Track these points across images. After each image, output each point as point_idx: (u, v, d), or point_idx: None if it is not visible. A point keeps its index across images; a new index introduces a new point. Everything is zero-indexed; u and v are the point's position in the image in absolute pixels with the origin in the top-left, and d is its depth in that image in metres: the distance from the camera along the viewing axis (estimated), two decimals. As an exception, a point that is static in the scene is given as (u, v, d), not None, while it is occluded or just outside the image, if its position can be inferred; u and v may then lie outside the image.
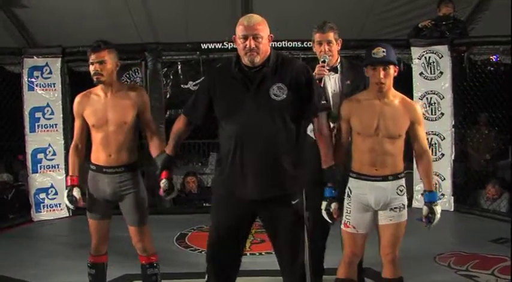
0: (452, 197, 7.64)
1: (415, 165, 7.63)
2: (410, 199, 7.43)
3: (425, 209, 3.88)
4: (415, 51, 7.76)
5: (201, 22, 8.81)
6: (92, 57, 4.07)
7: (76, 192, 4.23)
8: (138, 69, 8.19)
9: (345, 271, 3.98)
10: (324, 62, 4.35)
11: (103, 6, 9.08)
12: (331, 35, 4.44)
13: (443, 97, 7.61)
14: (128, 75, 8.28)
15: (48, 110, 7.62)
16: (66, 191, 4.29)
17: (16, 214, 7.88)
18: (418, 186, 7.69)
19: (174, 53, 8.10)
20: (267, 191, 3.51)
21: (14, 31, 9.49)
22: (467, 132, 8.16)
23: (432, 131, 7.65)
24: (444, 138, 7.63)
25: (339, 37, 4.51)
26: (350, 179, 3.89)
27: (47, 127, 7.62)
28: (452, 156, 7.65)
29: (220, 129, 3.65)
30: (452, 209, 7.61)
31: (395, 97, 3.86)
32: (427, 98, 7.66)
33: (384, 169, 3.79)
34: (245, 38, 3.46)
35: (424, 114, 7.51)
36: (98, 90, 4.19)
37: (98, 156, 4.20)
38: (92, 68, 4.09)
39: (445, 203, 7.61)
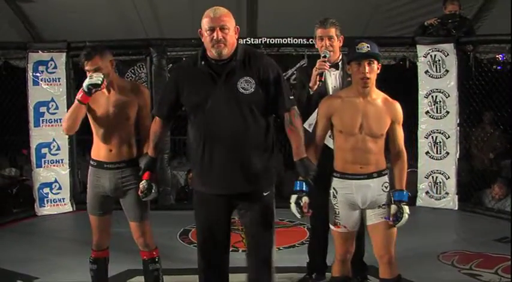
0: (457, 196, 7.61)
1: (419, 164, 7.67)
2: (414, 198, 7.43)
3: (393, 208, 3.76)
4: (421, 49, 7.73)
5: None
6: (87, 67, 4.02)
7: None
8: (143, 65, 8.19)
9: (339, 269, 3.97)
10: (325, 57, 4.37)
11: (109, 2, 9.08)
12: (332, 31, 4.48)
13: (449, 95, 7.57)
14: (132, 71, 8.28)
15: (52, 105, 7.62)
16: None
17: (20, 208, 7.90)
18: (422, 185, 7.70)
19: (179, 48, 8.10)
20: (236, 185, 3.55)
21: (19, 25, 9.49)
22: (472, 130, 8.13)
23: (437, 130, 7.63)
24: (449, 137, 7.60)
25: (341, 34, 4.53)
26: (334, 179, 3.85)
27: (52, 122, 7.61)
28: (457, 154, 7.63)
29: (189, 124, 3.66)
30: (456, 208, 7.58)
31: (378, 96, 3.81)
32: (432, 96, 7.62)
33: (368, 167, 3.76)
34: (212, 29, 3.44)
35: (429, 112, 7.53)
36: None
37: (99, 151, 4.19)
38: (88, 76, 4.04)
39: (449, 201, 7.61)
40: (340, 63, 4.54)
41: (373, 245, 3.87)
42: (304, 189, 3.69)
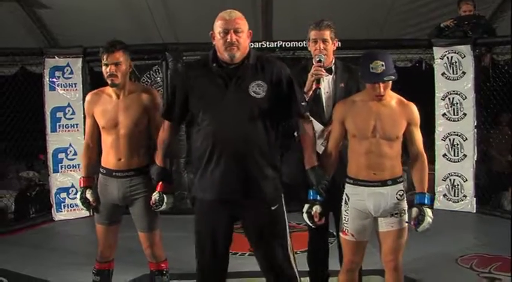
0: (475, 199, 7.58)
1: (436, 166, 7.63)
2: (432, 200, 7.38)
3: (414, 211, 3.68)
4: (437, 51, 7.71)
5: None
6: (107, 59, 3.96)
7: (89, 194, 4.17)
8: (159, 69, 8.21)
9: (345, 278, 3.89)
10: (319, 61, 4.16)
11: (124, 7, 9.11)
12: (327, 34, 4.25)
13: (466, 97, 7.54)
14: (148, 75, 8.31)
15: (69, 110, 7.66)
16: (79, 193, 4.24)
17: (37, 213, 7.94)
18: (440, 188, 7.66)
19: (195, 53, 8.09)
20: (239, 191, 3.42)
21: (35, 31, 9.56)
22: (489, 132, 8.07)
23: (454, 132, 7.59)
24: (466, 139, 7.56)
25: (336, 37, 4.32)
26: (347, 185, 3.77)
27: (68, 127, 7.66)
28: (475, 157, 7.58)
29: (195, 128, 3.53)
30: (474, 211, 7.55)
31: (392, 98, 3.71)
32: (449, 99, 7.60)
33: (383, 173, 3.67)
34: (226, 32, 3.38)
35: (446, 114, 7.49)
36: (110, 90, 4.09)
37: (108, 159, 4.09)
38: (106, 70, 3.98)
39: (467, 204, 7.57)
40: (333, 67, 4.33)
41: (382, 251, 3.79)
42: (316, 198, 3.65)
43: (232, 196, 3.43)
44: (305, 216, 3.68)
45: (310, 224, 3.70)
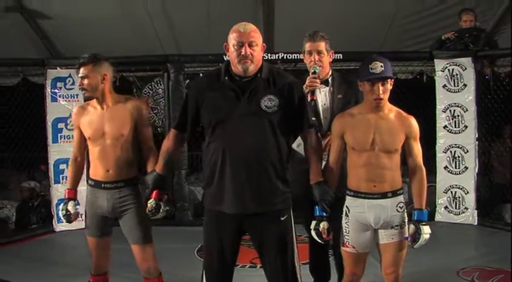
0: (476, 211, 7.55)
1: (437, 178, 7.61)
2: (432, 213, 7.39)
3: (411, 228, 3.69)
4: (439, 64, 7.70)
5: (223, 34, 8.82)
6: (78, 72, 4.05)
7: (71, 206, 4.20)
8: (161, 81, 8.22)
9: None
10: (314, 73, 4.20)
11: (126, 18, 9.14)
12: (322, 45, 4.31)
13: (467, 110, 7.53)
14: (150, 87, 8.33)
15: (70, 121, 7.64)
16: (61, 204, 4.27)
17: (39, 224, 7.93)
18: (441, 200, 7.64)
19: (196, 64, 8.09)
20: (252, 204, 3.43)
21: (37, 42, 9.57)
22: (491, 145, 8.06)
23: (455, 144, 7.58)
24: (468, 151, 7.55)
25: (331, 48, 4.37)
26: (347, 197, 3.77)
27: (69, 138, 7.62)
28: (476, 169, 7.57)
29: (207, 140, 3.55)
30: (475, 223, 7.52)
31: (391, 111, 3.73)
32: (450, 111, 7.58)
33: (383, 184, 3.66)
34: (240, 45, 3.40)
35: (447, 126, 7.48)
36: (95, 103, 4.12)
37: (96, 171, 4.09)
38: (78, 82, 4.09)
39: (468, 216, 7.55)
40: (330, 79, 4.36)
41: (382, 263, 3.80)
42: (323, 214, 3.65)
43: (243, 209, 3.45)
44: (313, 233, 3.69)
45: (320, 241, 3.71)
